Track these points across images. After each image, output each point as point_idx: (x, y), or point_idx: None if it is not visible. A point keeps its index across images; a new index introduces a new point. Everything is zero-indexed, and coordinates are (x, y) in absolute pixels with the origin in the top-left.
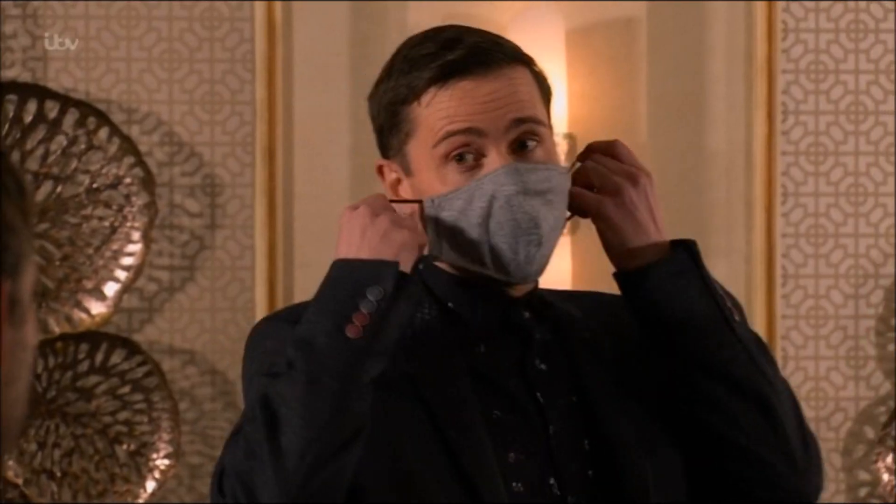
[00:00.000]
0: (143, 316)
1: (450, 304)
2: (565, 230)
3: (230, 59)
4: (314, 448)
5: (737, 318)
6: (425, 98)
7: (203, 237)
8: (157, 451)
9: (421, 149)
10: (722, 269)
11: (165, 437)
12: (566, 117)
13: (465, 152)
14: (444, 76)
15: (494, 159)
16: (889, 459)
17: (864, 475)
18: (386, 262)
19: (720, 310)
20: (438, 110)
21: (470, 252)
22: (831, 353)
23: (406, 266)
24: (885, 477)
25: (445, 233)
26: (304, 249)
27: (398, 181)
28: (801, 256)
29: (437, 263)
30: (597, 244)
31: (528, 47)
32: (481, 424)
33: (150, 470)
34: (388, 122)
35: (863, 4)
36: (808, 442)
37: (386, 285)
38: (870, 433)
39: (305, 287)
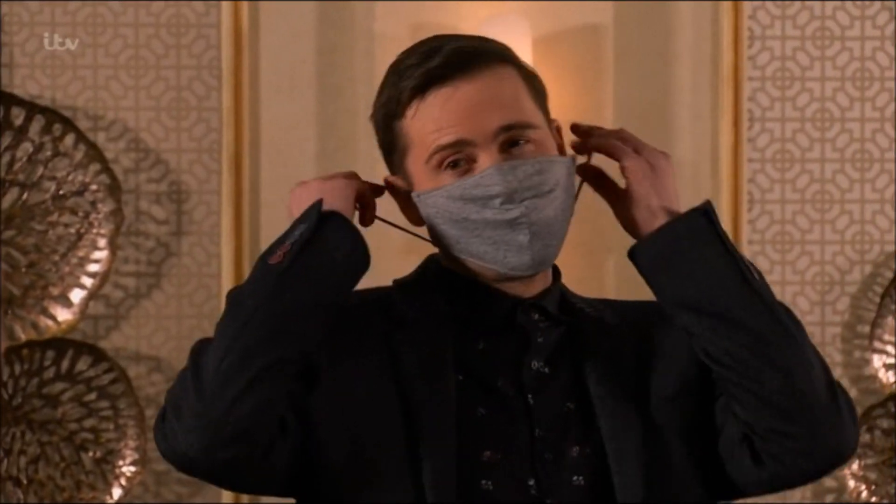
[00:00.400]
0: (110, 323)
1: (459, 300)
2: None
3: (197, 65)
4: (228, 359)
5: (756, 276)
6: (409, 111)
7: (169, 244)
8: (124, 457)
9: (417, 164)
10: None
11: (132, 443)
12: None
13: (457, 159)
14: (424, 86)
15: (484, 161)
16: (855, 466)
17: (830, 482)
18: (312, 204)
19: (739, 268)
20: (424, 123)
21: (464, 247)
22: None
23: (339, 206)
24: (852, 484)
25: (436, 227)
26: None
27: (408, 195)
28: (767, 263)
29: (448, 265)
30: (563, 249)
31: None
32: (451, 421)
33: (117, 477)
34: (386, 139)
35: (829, 12)
36: (836, 393)
37: (310, 221)
38: None
39: None
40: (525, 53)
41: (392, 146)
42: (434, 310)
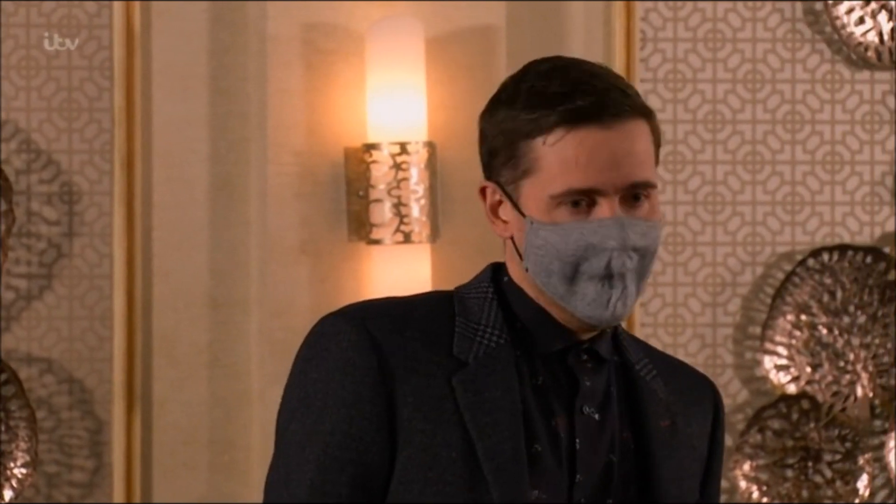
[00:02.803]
0: (0, 324)
1: (518, 324)
2: (424, 238)
3: (88, 66)
4: None
5: None
6: (551, 138)
7: (61, 245)
8: (15, 459)
9: (537, 189)
10: None
11: (23, 445)
12: (426, 126)
13: (579, 199)
14: (574, 120)
15: (605, 209)
16: (747, 467)
17: (721, 483)
18: None
19: None
20: (563, 157)
21: (554, 283)
22: (689, 361)
23: None
24: (743, 484)
25: (537, 258)
26: (162, 258)
27: (499, 203)
28: (659, 265)
29: (522, 285)
30: (457, 252)
31: (387, 56)
32: (522, 458)
33: (8, 479)
34: (505, 151)
35: (721, 14)
36: None
37: None
38: (727, 441)
39: (164, 296)
40: (418, 55)
41: (509, 160)
42: (496, 343)
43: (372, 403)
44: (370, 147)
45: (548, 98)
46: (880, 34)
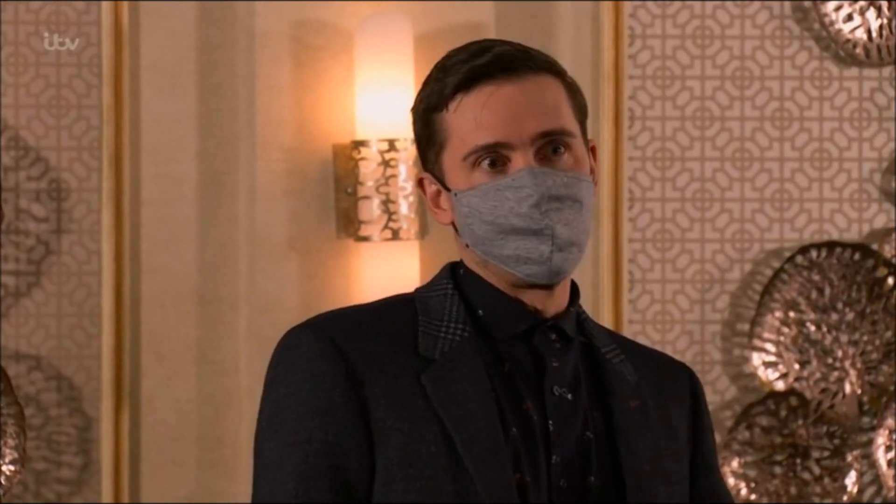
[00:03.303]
0: None
1: (480, 312)
2: (413, 235)
3: (77, 63)
4: None
5: None
6: (452, 104)
7: (49, 242)
8: (3, 456)
9: (452, 158)
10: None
11: (11, 442)
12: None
13: (493, 159)
14: (470, 81)
15: (518, 163)
16: (735, 464)
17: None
18: None
19: None
20: (465, 118)
21: (489, 249)
22: (677, 358)
23: None
24: (731, 481)
25: (467, 227)
26: (151, 255)
27: (438, 193)
28: (647, 261)
29: (477, 271)
30: (446, 249)
31: (375, 53)
32: (501, 445)
33: None
34: (424, 133)
35: (709, 11)
36: None
37: None
38: (716, 437)
39: (152, 293)
40: (407, 51)
41: (430, 140)
42: (461, 336)
43: (345, 409)
44: (359, 144)
45: (448, 68)
46: (868, 31)
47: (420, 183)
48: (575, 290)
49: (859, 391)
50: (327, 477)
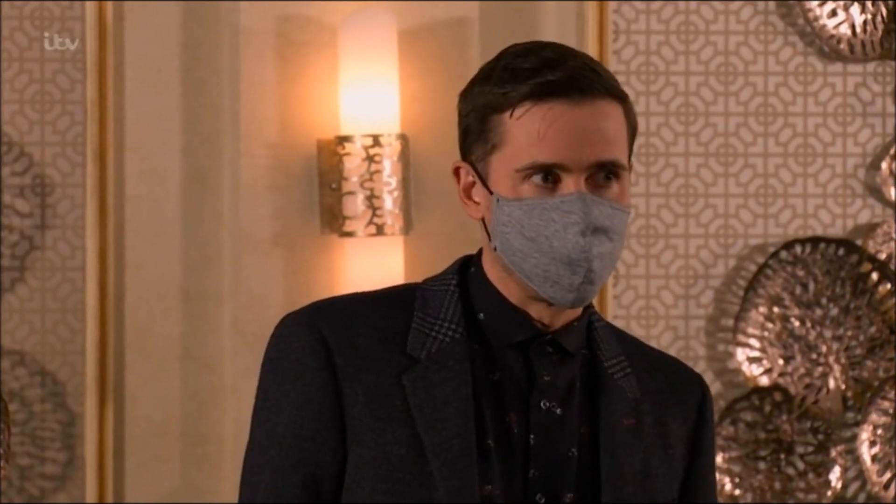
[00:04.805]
0: None
1: (481, 316)
2: (397, 230)
3: (61, 58)
4: None
5: None
6: (518, 111)
7: (33, 237)
8: None
9: (504, 164)
10: None
11: None
12: (399, 118)
13: (546, 174)
14: (541, 94)
15: (569, 186)
16: (719, 459)
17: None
18: None
19: None
20: (529, 130)
21: (519, 262)
22: None
23: None
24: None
25: (503, 234)
26: (135, 250)
27: (472, 184)
28: (631, 257)
29: (494, 274)
30: (430, 244)
31: (360, 48)
32: (471, 454)
33: None
34: (477, 127)
35: (693, 6)
36: None
37: None
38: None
39: (137, 288)
40: (391, 47)
41: (482, 136)
42: (451, 337)
43: (321, 404)
44: (343, 139)
45: (519, 73)
46: (853, 27)
47: (456, 170)
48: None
49: (843, 387)
50: (299, 472)
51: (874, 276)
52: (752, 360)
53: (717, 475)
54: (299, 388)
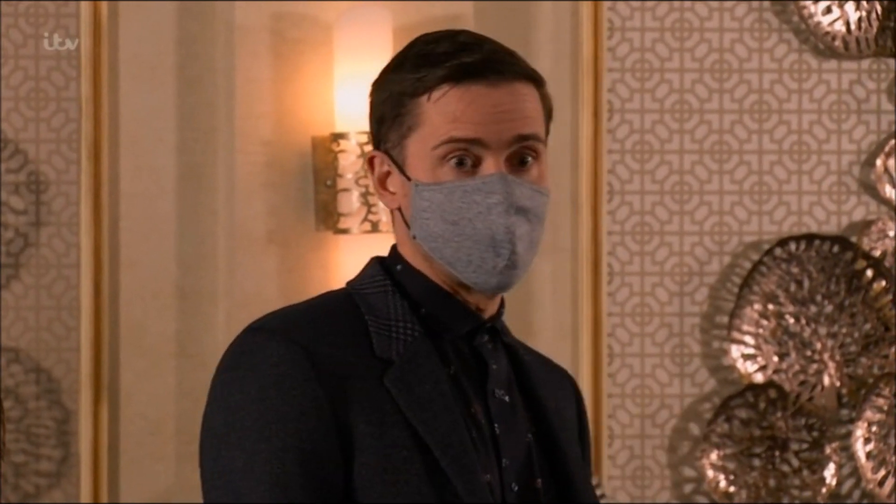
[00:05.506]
0: None
1: (423, 310)
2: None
3: (56, 55)
4: None
5: None
6: (436, 94)
7: (28, 234)
8: None
9: (420, 145)
10: (548, 267)
11: None
12: None
13: (463, 157)
14: (459, 76)
15: (490, 167)
16: (714, 456)
17: (689, 472)
18: None
19: None
20: (446, 110)
21: (440, 248)
22: (657, 351)
23: None
24: (710, 473)
25: (422, 221)
26: (130, 248)
27: (387, 174)
28: (626, 254)
29: (419, 266)
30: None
31: (355, 46)
32: (469, 446)
33: None
34: (391, 113)
35: (687, 4)
36: None
37: None
38: (695, 430)
39: (131, 286)
40: (385, 44)
41: (396, 122)
42: (412, 336)
43: (318, 416)
44: (338, 136)
45: (434, 58)
46: (847, 24)
47: (370, 160)
48: None
49: (838, 383)
50: (304, 486)
51: (869, 273)
52: (746, 357)
53: (713, 472)
54: (289, 402)
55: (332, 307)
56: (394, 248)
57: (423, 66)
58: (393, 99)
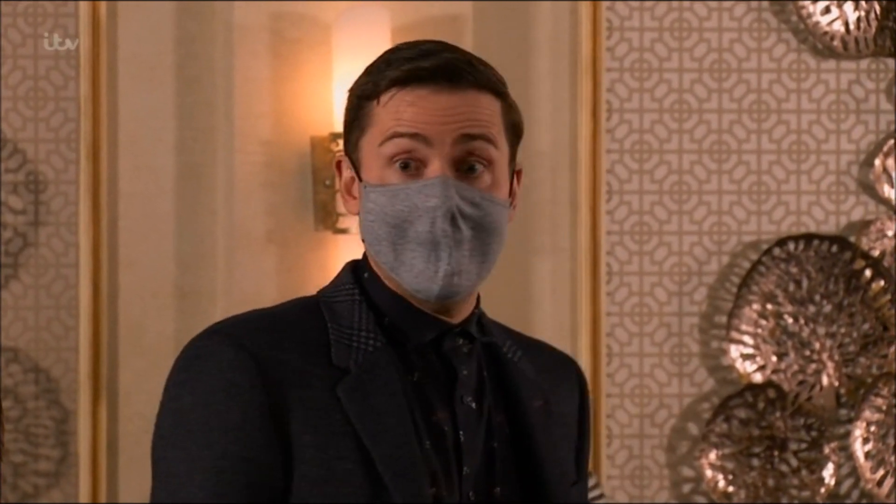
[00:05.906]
0: None
1: (387, 320)
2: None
3: (54, 55)
4: None
5: None
6: (384, 97)
7: (26, 234)
8: None
9: (370, 146)
10: (547, 267)
11: None
12: None
13: (409, 160)
14: (408, 80)
15: (434, 170)
16: (712, 455)
17: (687, 471)
18: None
19: None
20: (392, 111)
21: (384, 251)
22: (655, 350)
23: None
24: (709, 473)
25: (368, 224)
26: (128, 247)
27: (352, 180)
28: (625, 254)
29: (378, 272)
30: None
31: (354, 46)
32: (418, 460)
33: None
34: (351, 116)
35: (686, 4)
36: None
37: None
38: (693, 430)
39: (130, 285)
40: (384, 44)
41: (354, 124)
42: (374, 346)
43: (261, 424)
44: (337, 136)
45: (393, 62)
46: (846, 24)
47: (338, 165)
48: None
49: (837, 383)
50: (243, 493)
51: (867, 272)
52: (745, 356)
53: (712, 472)
54: (234, 408)
55: (296, 314)
56: (365, 254)
57: (380, 70)
58: (351, 103)
